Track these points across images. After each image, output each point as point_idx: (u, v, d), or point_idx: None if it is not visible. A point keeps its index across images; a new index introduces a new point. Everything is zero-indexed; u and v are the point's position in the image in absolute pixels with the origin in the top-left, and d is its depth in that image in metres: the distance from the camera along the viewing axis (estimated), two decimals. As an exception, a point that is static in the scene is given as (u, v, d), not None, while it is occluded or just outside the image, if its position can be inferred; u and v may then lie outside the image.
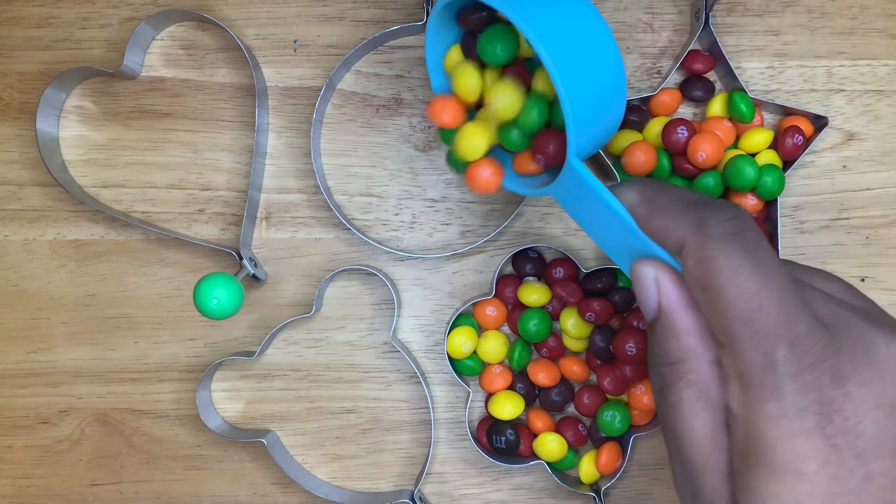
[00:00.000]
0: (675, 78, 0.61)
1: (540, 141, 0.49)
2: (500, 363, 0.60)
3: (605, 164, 0.60)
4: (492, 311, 0.60)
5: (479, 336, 0.60)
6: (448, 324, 0.61)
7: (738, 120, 0.59)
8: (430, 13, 0.59)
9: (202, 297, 0.53)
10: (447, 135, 0.51)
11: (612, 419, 0.58)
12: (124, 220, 0.61)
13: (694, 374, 0.39)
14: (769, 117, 0.61)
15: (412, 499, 0.60)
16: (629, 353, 0.57)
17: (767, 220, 0.60)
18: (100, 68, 0.60)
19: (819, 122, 0.60)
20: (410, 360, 0.60)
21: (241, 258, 0.59)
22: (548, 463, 0.59)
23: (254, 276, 0.60)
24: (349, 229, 0.61)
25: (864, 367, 0.36)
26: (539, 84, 0.49)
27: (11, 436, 0.63)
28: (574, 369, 0.59)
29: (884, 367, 0.36)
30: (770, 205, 0.60)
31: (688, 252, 0.39)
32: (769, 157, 0.59)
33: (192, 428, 0.63)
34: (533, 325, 0.58)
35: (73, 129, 0.63)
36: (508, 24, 0.49)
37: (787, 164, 0.59)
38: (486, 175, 0.49)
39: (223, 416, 0.63)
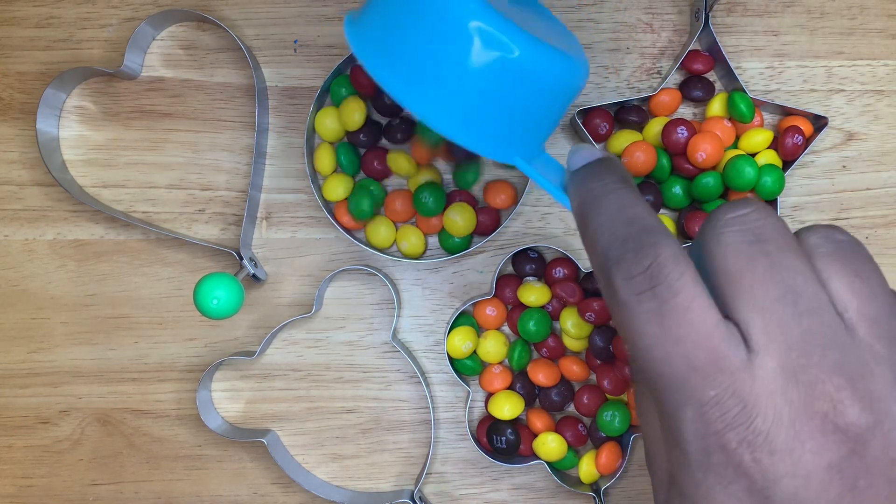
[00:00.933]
0: (675, 78, 0.61)
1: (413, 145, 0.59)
2: (500, 363, 0.60)
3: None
4: (492, 311, 0.60)
5: (478, 336, 0.60)
6: (448, 324, 0.61)
7: (738, 120, 0.59)
8: None
9: (202, 297, 0.53)
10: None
11: (611, 419, 0.58)
12: (124, 220, 0.61)
13: None
14: (769, 117, 0.61)
15: (412, 499, 0.60)
16: (629, 353, 0.57)
17: (767, 220, 0.60)
18: (100, 68, 0.60)
19: (819, 123, 0.60)
20: (410, 360, 0.60)
21: (241, 258, 0.59)
22: (548, 463, 0.59)
23: (254, 276, 0.60)
24: (350, 229, 0.61)
25: (782, 436, 0.34)
26: None
27: (11, 436, 0.63)
28: (574, 369, 0.59)
29: (808, 438, 0.33)
30: (770, 204, 0.60)
31: (604, 298, 0.37)
32: (769, 157, 0.59)
33: (193, 428, 0.63)
34: (533, 325, 0.58)
35: (73, 129, 0.63)
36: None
37: (787, 164, 0.59)
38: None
39: (223, 416, 0.63)
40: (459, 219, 0.59)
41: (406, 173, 0.60)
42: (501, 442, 0.59)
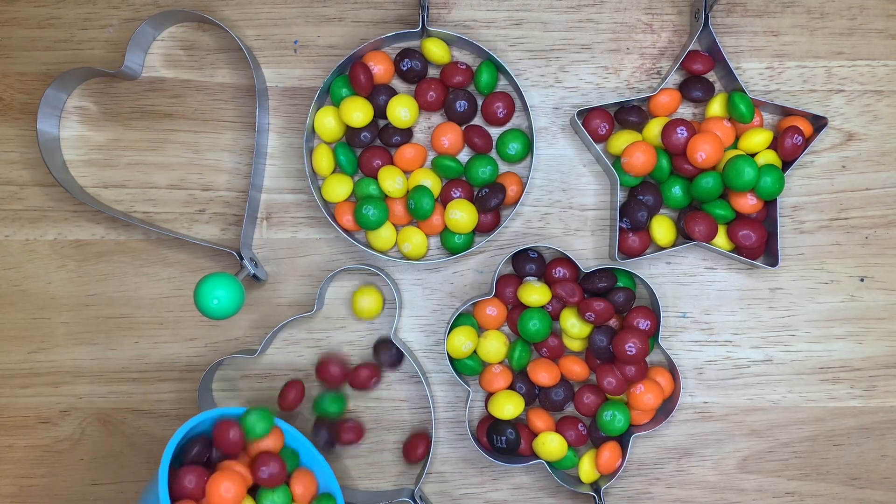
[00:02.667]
0: (675, 78, 0.61)
1: None
2: (500, 363, 0.61)
3: (605, 165, 0.60)
4: (492, 311, 0.60)
5: (479, 336, 0.60)
6: (448, 323, 0.61)
7: (738, 120, 0.59)
8: (424, 19, 0.59)
9: (203, 296, 0.53)
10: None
11: (611, 419, 0.58)
12: (125, 220, 0.61)
13: None
14: (768, 117, 0.61)
15: (412, 497, 0.60)
16: (629, 352, 0.57)
17: (767, 220, 0.60)
18: (101, 69, 0.60)
19: (818, 123, 0.60)
20: (411, 360, 0.60)
21: (241, 258, 0.59)
22: (548, 462, 0.59)
23: (254, 276, 0.60)
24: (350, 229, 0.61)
25: None
26: None
27: (12, 435, 0.63)
28: (574, 369, 0.59)
29: None
30: (770, 205, 0.60)
31: None
32: (769, 158, 0.59)
33: (193, 428, 0.63)
34: (533, 325, 0.58)
35: (73, 129, 0.63)
36: None
37: (787, 164, 0.59)
38: None
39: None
40: (461, 215, 0.59)
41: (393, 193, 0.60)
42: (502, 442, 0.59)
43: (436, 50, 0.60)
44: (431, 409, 0.60)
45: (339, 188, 0.60)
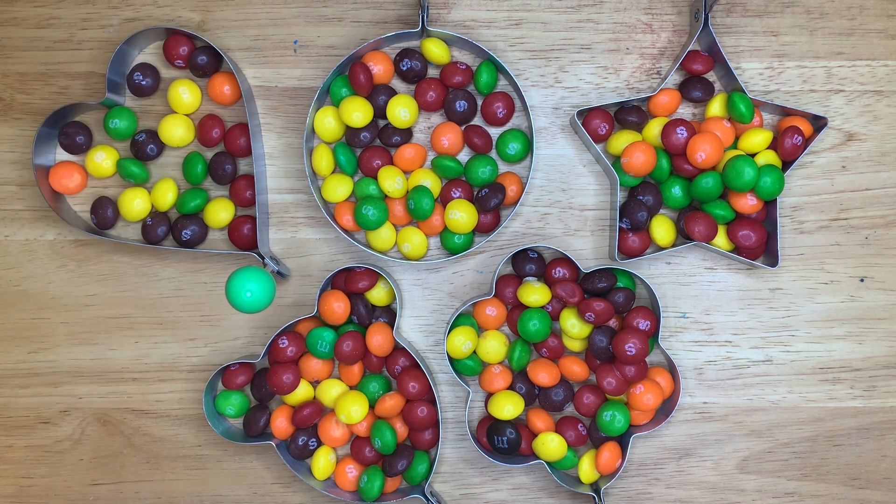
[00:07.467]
0: (675, 78, 0.61)
1: None
2: (500, 363, 0.61)
3: (605, 165, 0.60)
4: (492, 311, 0.60)
5: (478, 336, 0.60)
6: (448, 324, 0.61)
7: (738, 120, 0.59)
8: (424, 19, 0.59)
9: (235, 290, 0.53)
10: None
11: (611, 419, 0.58)
12: (131, 243, 0.61)
13: None
14: (768, 118, 0.61)
15: (423, 494, 0.60)
16: (629, 352, 0.57)
17: (767, 220, 0.60)
18: (88, 103, 0.60)
19: (818, 123, 0.60)
20: (414, 354, 0.60)
21: (262, 258, 0.59)
22: (547, 463, 0.59)
23: (279, 272, 0.60)
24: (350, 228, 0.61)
25: None
26: None
27: (12, 435, 0.63)
28: (574, 369, 0.59)
29: None
30: (769, 205, 0.60)
31: None
32: (768, 158, 0.59)
33: (193, 428, 0.63)
34: (533, 325, 0.58)
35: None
36: None
37: (787, 164, 0.59)
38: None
39: (230, 419, 0.63)
40: (461, 216, 0.59)
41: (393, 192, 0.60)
42: (503, 442, 0.59)
43: (435, 50, 0.60)
44: (438, 406, 0.60)
45: (338, 188, 0.60)
